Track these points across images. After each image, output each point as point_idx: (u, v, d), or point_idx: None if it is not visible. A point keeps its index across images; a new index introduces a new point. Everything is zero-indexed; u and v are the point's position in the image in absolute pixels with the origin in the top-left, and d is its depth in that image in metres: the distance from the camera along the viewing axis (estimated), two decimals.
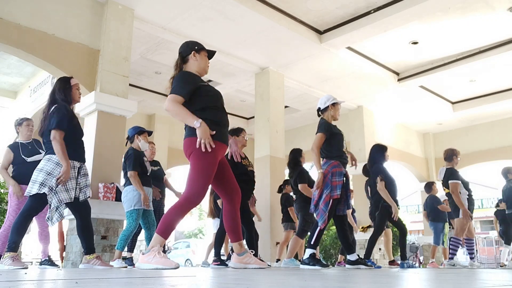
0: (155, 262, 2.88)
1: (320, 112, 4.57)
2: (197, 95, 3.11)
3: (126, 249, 5.18)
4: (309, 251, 4.34)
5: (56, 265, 4.91)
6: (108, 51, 5.93)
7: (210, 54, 3.34)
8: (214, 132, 3.00)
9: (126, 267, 4.69)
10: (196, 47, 3.26)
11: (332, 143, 4.37)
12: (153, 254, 2.89)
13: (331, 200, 4.21)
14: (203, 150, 2.94)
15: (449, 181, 5.74)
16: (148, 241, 5.03)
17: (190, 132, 3.07)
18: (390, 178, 5.55)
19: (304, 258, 4.40)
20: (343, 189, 4.30)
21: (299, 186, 5.57)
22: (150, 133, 5.11)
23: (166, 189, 6.04)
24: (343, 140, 4.46)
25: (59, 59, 5.68)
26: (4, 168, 4.77)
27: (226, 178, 3.27)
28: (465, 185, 5.78)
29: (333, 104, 4.51)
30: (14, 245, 3.64)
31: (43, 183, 3.61)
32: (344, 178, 4.33)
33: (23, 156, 4.72)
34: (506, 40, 7.64)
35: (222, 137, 3.12)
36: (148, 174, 4.94)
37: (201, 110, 3.08)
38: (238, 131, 5.11)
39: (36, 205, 3.69)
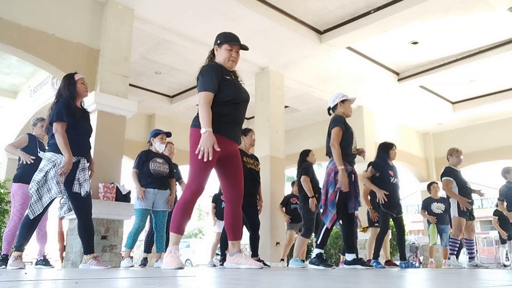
0: (165, 262, 3.05)
1: (331, 111, 4.59)
2: (220, 88, 3.14)
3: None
4: (316, 251, 4.39)
5: (51, 265, 4.95)
6: (108, 51, 5.93)
7: (243, 47, 3.35)
8: (219, 149, 2.98)
9: (132, 266, 4.77)
10: (218, 41, 3.31)
11: (341, 139, 4.35)
12: (167, 254, 3.05)
13: (337, 197, 4.19)
14: (199, 157, 2.97)
15: (442, 179, 5.81)
16: (155, 242, 5.14)
17: (196, 122, 3.13)
18: (387, 175, 5.54)
19: (311, 257, 4.44)
20: (351, 187, 4.29)
21: (302, 177, 5.61)
22: (168, 134, 5.26)
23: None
24: (352, 138, 4.43)
25: (59, 59, 5.67)
26: (13, 145, 4.79)
27: (228, 177, 3.28)
28: (463, 184, 5.78)
29: (343, 101, 4.51)
30: (19, 245, 3.67)
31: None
32: (353, 176, 4.33)
33: (38, 148, 4.76)
34: (506, 40, 7.64)
35: (225, 132, 3.14)
36: (153, 174, 5.00)
37: (214, 103, 3.12)
38: (245, 131, 5.31)
39: None
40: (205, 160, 2.96)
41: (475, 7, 6.53)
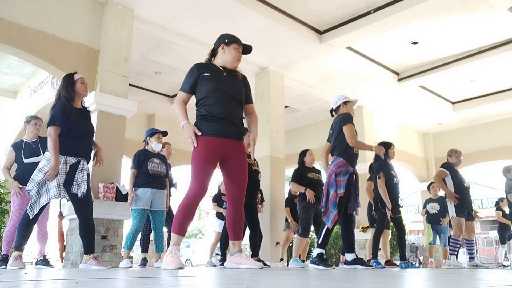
0: (165, 263, 3.07)
1: (333, 113, 4.62)
2: (198, 87, 3.26)
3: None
4: (316, 251, 4.40)
5: (51, 265, 4.94)
6: (108, 51, 5.93)
7: (247, 49, 3.42)
8: (200, 133, 3.12)
9: (131, 267, 4.76)
10: (226, 40, 3.36)
11: (343, 139, 4.37)
12: (167, 254, 3.08)
13: (337, 199, 4.22)
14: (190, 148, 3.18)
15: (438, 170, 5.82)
16: (155, 242, 5.13)
17: (196, 125, 3.24)
18: (390, 176, 5.56)
19: (312, 257, 4.45)
20: (352, 187, 4.33)
21: (290, 184, 5.84)
22: (164, 134, 5.20)
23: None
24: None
25: (59, 59, 5.67)
26: (6, 168, 4.78)
27: (230, 176, 3.28)
28: (460, 182, 5.75)
29: (345, 103, 4.55)
30: (18, 245, 3.68)
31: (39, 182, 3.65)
32: (354, 176, 4.36)
33: (22, 155, 4.73)
34: (506, 40, 7.64)
35: (220, 133, 3.16)
36: (151, 174, 4.98)
37: (196, 104, 3.26)
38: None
39: None
40: (191, 148, 3.13)
41: (475, 7, 6.53)
